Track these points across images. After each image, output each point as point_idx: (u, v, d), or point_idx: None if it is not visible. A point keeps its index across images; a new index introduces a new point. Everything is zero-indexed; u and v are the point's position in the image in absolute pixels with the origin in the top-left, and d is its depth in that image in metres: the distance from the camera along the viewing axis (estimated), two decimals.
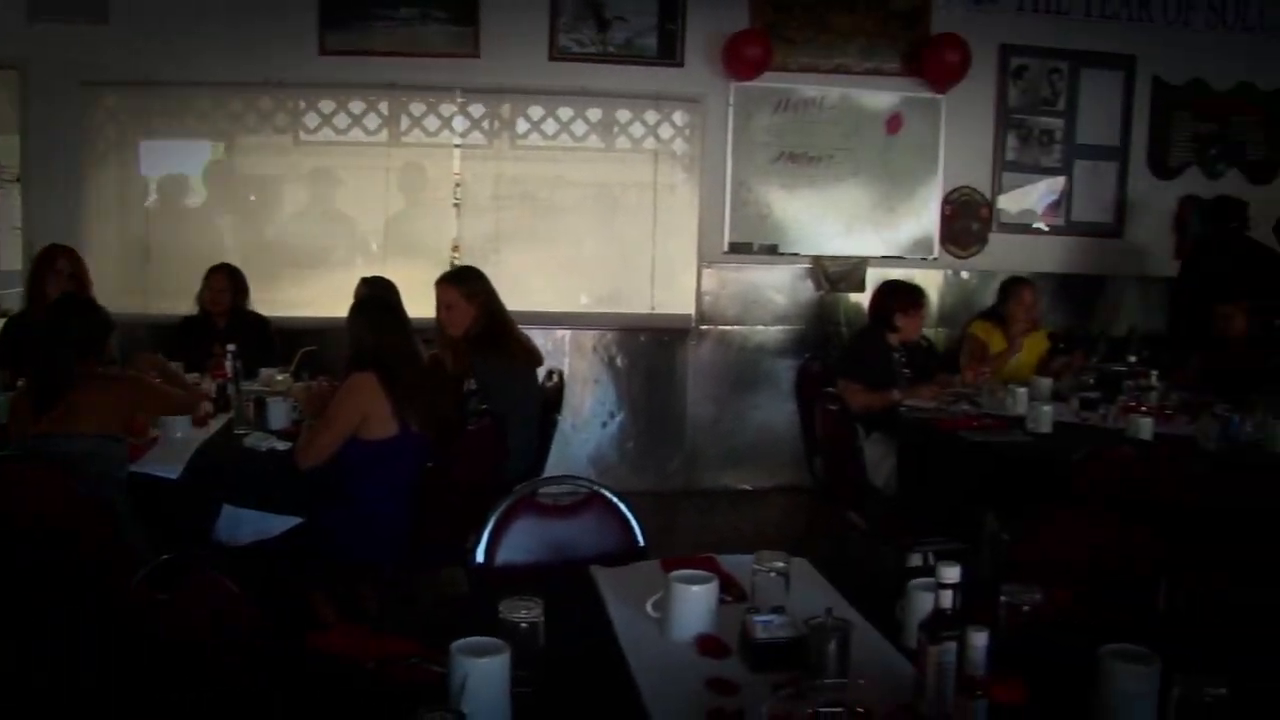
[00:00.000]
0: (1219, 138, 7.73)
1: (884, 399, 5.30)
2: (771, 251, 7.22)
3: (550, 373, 5.42)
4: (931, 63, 7.10)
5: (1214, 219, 7.06)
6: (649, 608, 2.44)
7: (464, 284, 4.85)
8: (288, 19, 6.59)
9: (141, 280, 6.72)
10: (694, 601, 2.35)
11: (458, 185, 6.99)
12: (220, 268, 6.02)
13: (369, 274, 5.80)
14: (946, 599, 1.91)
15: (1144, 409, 5.03)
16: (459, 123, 6.88)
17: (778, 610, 2.27)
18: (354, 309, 4.22)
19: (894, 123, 7.25)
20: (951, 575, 1.91)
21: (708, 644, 2.29)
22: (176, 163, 6.92)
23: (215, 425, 4.53)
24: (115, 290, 6.26)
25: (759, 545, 2.45)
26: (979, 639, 1.81)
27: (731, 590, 2.53)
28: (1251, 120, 7.76)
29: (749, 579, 2.39)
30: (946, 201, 7.38)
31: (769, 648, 2.19)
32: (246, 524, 3.90)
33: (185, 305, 6.08)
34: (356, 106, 6.77)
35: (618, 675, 2.17)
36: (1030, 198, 7.53)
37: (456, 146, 6.93)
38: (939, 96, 7.25)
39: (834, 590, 2.60)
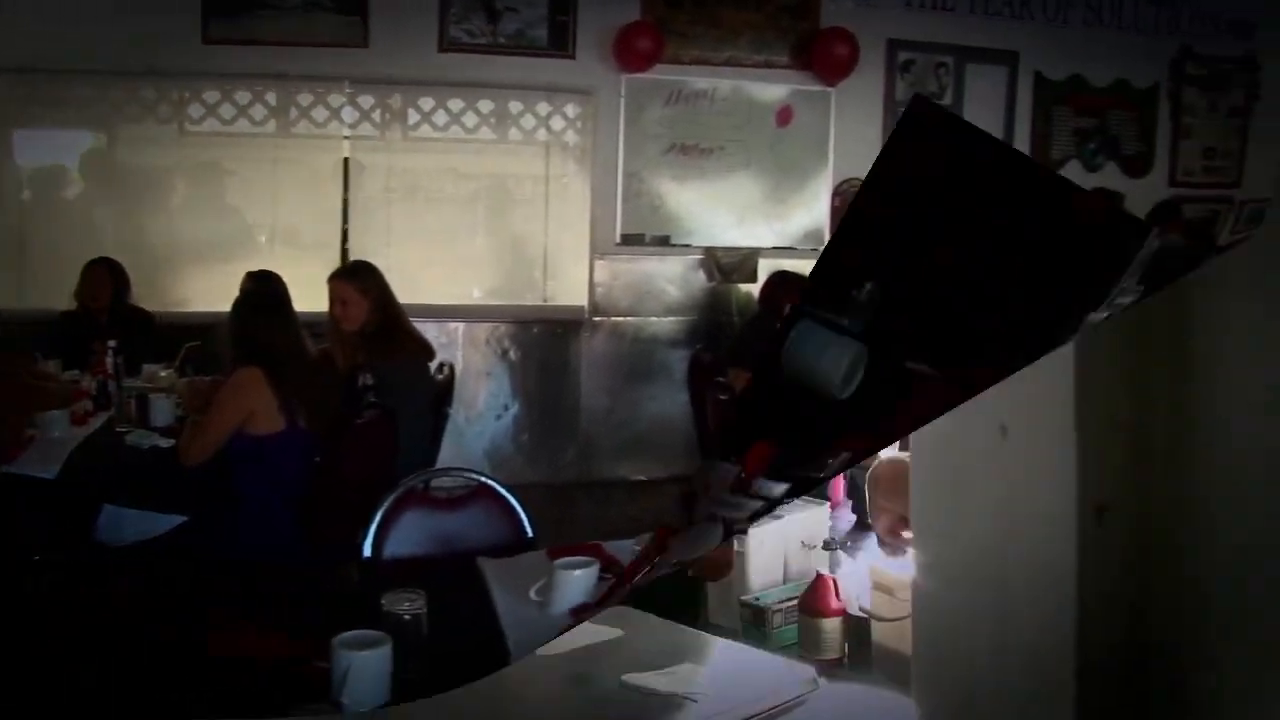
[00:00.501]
0: (1097, 132, 7.96)
1: None
2: (664, 243, 7.24)
3: (441, 365, 5.39)
4: (821, 56, 7.18)
5: None
6: (532, 593, 2.46)
7: (358, 279, 4.80)
8: (170, 5, 6.40)
9: (17, 275, 6.49)
10: (574, 584, 2.40)
11: (348, 178, 6.91)
12: (98, 262, 5.85)
13: (256, 268, 5.70)
14: None
15: None
16: (348, 114, 6.76)
17: None
18: (238, 303, 4.16)
19: (784, 115, 7.32)
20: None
21: (583, 614, 2.33)
22: (54, 153, 6.69)
23: (95, 423, 4.43)
24: None
25: None
26: None
27: (613, 569, 2.56)
28: (1128, 116, 8.01)
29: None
30: (836, 193, 7.46)
31: None
32: (129, 524, 3.83)
33: (65, 300, 5.88)
34: (242, 97, 6.60)
35: (501, 664, 2.18)
36: None
37: (346, 138, 6.82)
38: (829, 89, 7.34)
39: None
